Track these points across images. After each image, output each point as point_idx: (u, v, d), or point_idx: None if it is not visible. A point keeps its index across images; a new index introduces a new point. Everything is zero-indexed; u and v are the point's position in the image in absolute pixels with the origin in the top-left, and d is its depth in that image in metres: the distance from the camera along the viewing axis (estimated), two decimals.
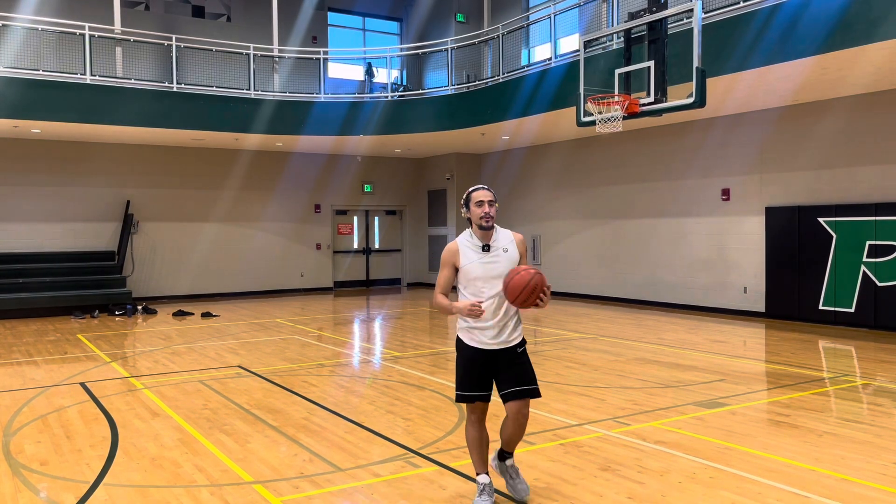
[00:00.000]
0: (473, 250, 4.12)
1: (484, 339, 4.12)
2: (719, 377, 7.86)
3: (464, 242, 4.17)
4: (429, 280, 19.90)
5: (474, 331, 4.15)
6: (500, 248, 4.14)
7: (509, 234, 4.24)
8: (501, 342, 4.12)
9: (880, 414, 6.33)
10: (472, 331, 4.15)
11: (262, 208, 17.70)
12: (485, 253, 4.11)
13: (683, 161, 13.81)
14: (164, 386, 7.73)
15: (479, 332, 4.12)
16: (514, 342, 4.16)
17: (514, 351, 4.16)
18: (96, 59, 13.36)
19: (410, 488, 4.58)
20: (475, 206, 4.13)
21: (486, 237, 4.14)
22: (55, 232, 15.38)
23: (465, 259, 4.11)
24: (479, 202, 4.12)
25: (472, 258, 4.11)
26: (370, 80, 16.88)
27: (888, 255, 10.72)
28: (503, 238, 4.20)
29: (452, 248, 4.18)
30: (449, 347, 10.44)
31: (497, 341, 4.11)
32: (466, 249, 4.13)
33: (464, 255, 4.12)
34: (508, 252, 4.15)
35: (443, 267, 4.18)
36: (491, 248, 4.12)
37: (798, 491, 4.45)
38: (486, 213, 4.09)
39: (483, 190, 4.18)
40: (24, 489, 4.68)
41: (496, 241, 4.15)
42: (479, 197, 4.14)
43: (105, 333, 11.85)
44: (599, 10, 12.52)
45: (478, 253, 4.11)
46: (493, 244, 4.14)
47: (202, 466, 5.06)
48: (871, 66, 9.23)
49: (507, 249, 4.15)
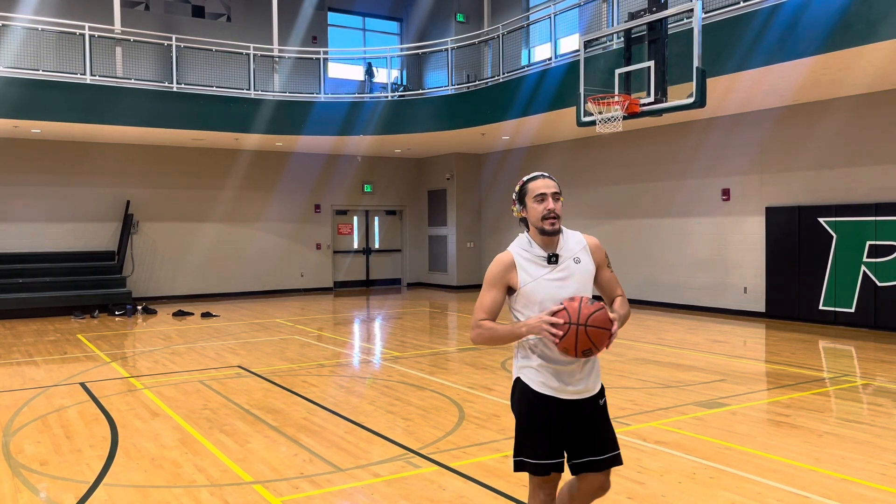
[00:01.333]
0: (536, 264, 2.98)
1: (564, 383, 2.99)
2: (719, 377, 7.86)
3: (520, 253, 3.00)
4: (429, 280, 19.89)
5: (549, 370, 2.99)
6: (571, 259, 3.01)
7: (580, 237, 3.10)
8: (584, 389, 3.02)
9: (880, 414, 6.33)
10: (545, 370, 2.99)
11: (262, 208, 17.70)
12: (552, 266, 2.97)
13: (683, 161, 13.81)
14: (164, 386, 7.73)
15: (559, 374, 2.98)
16: (596, 390, 3.08)
17: (595, 403, 3.06)
18: (96, 59, 13.36)
19: (410, 488, 4.58)
20: (533, 200, 2.98)
21: (550, 244, 3.00)
22: (55, 232, 15.38)
23: (526, 276, 2.96)
24: (540, 196, 2.97)
25: (534, 274, 2.97)
26: (370, 80, 16.88)
27: (888, 255, 10.72)
28: (573, 243, 3.06)
29: (505, 260, 3.00)
30: (449, 347, 10.43)
31: (579, 388, 3.01)
32: (526, 263, 2.98)
33: (523, 271, 2.97)
34: (582, 263, 3.03)
35: (489, 287, 3.01)
36: (559, 258, 3.00)
37: (798, 491, 4.44)
38: (550, 210, 2.94)
39: (543, 178, 3.01)
40: (24, 489, 4.68)
41: (564, 248, 3.02)
42: (538, 188, 2.98)
43: (105, 333, 11.84)
44: (599, 10, 12.52)
45: (542, 267, 2.97)
46: (562, 253, 3.01)
47: (202, 466, 5.06)
48: (871, 66, 9.23)
49: (579, 260, 3.03)
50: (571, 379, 2.98)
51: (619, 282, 3.24)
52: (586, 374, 3.01)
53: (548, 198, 2.96)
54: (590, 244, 3.10)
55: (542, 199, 2.96)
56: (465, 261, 18.85)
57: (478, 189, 19.09)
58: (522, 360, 3.06)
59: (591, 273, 3.06)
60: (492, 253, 18.61)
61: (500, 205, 18.36)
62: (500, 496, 4.40)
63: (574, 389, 2.99)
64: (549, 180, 3.02)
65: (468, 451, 5.32)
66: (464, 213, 18.86)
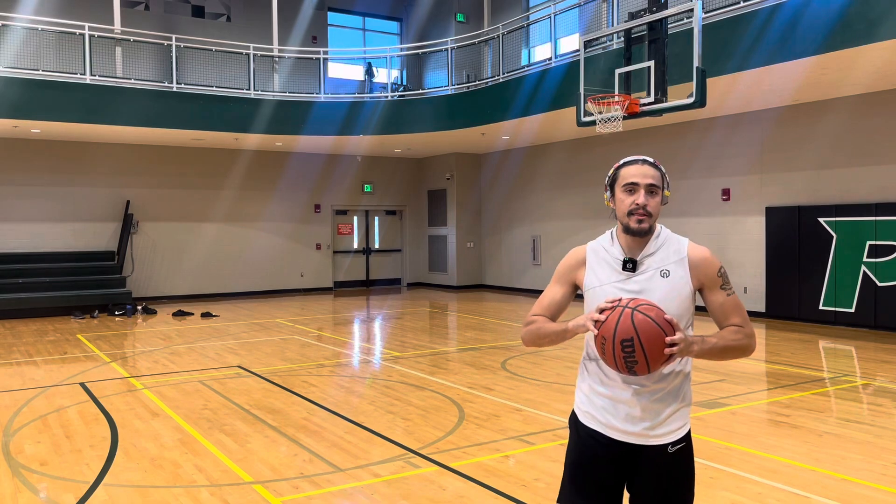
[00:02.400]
0: (609, 266, 2.41)
1: (615, 416, 2.35)
2: (719, 377, 7.86)
3: (597, 250, 2.47)
4: (429, 280, 19.89)
5: (599, 395, 2.40)
6: (657, 270, 2.37)
7: (683, 244, 2.41)
8: (644, 431, 2.32)
9: (880, 414, 6.33)
10: (594, 395, 2.41)
11: (262, 208, 17.70)
12: (626, 274, 2.38)
13: (683, 161, 13.80)
14: (164, 386, 7.73)
15: (610, 402, 2.36)
16: (668, 435, 2.33)
17: (663, 452, 2.33)
18: (96, 59, 13.36)
19: (410, 488, 4.58)
20: (622, 190, 2.38)
21: (636, 246, 2.40)
22: (55, 232, 15.38)
23: (593, 278, 2.42)
24: (630, 185, 2.36)
25: (603, 278, 2.41)
26: (370, 80, 16.88)
27: (888, 255, 10.71)
28: (669, 251, 2.39)
29: (577, 255, 2.50)
30: (449, 347, 10.43)
31: (636, 429, 2.33)
32: (598, 263, 2.44)
33: (592, 271, 2.44)
34: (671, 278, 2.35)
35: (553, 281, 2.53)
36: (638, 265, 2.38)
37: (798, 491, 4.44)
38: (640, 204, 2.33)
39: (640, 164, 2.38)
40: (24, 489, 4.67)
41: (654, 255, 2.38)
42: (630, 175, 2.37)
43: (105, 333, 11.84)
44: (599, 10, 12.52)
45: (616, 271, 2.40)
46: (646, 260, 2.38)
47: (202, 466, 5.06)
48: (871, 66, 9.23)
49: (667, 273, 2.36)
50: (626, 412, 2.31)
51: (741, 308, 2.42)
52: (650, 407, 2.29)
53: (639, 189, 2.33)
54: (692, 256, 2.37)
55: (631, 191, 2.35)
56: (465, 261, 18.85)
57: (478, 189, 19.09)
58: (579, 380, 2.54)
59: (686, 294, 2.36)
60: (492, 253, 18.65)
61: (500, 205, 18.37)
62: (500, 496, 4.39)
63: (629, 429, 2.31)
64: (648, 167, 2.37)
65: (468, 451, 5.31)
66: (464, 213, 18.86)
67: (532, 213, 17.38)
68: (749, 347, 2.39)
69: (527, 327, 2.49)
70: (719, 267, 2.40)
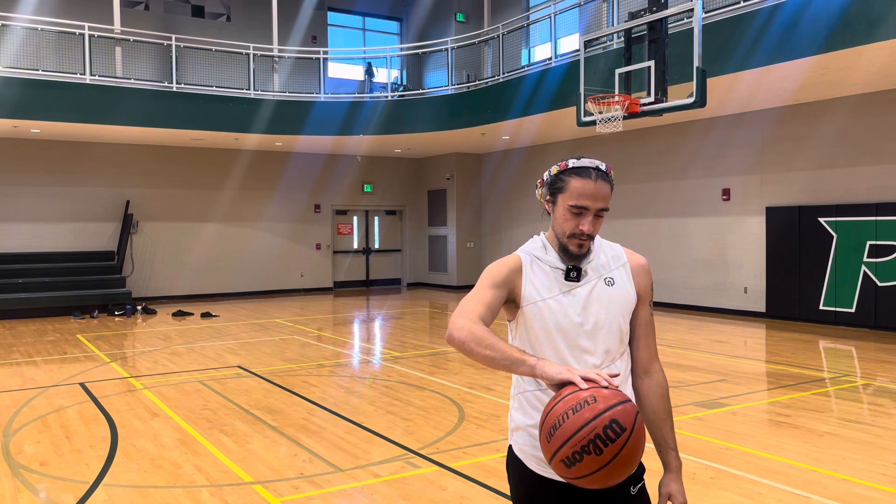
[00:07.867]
0: (549, 277, 2.10)
1: None
2: (720, 377, 7.85)
3: (531, 259, 2.14)
4: (429, 280, 19.90)
5: None
6: (601, 279, 2.12)
7: (619, 250, 2.21)
8: None
9: (881, 414, 6.33)
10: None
11: (262, 208, 17.70)
12: (571, 283, 2.09)
13: (683, 161, 13.80)
14: (164, 386, 7.73)
15: None
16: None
17: (625, 492, 2.08)
18: (96, 59, 13.35)
19: (410, 489, 4.57)
20: (568, 209, 2.07)
21: (575, 254, 2.11)
22: (55, 232, 15.37)
23: (534, 291, 2.09)
24: (578, 208, 2.05)
25: (544, 292, 2.09)
26: (370, 80, 16.87)
27: (888, 255, 10.71)
28: (607, 255, 2.17)
29: (512, 262, 2.13)
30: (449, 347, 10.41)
31: None
32: (536, 274, 2.11)
33: (530, 283, 2.10)
34: (617, 286, 2.13)
35: (486, 286, 2.08)
36: (582, 274, 2.10)
37: (798, 491, 4.44)
38: (587, 233, 2.06)
39: (594, 181, 2.05)
40: (24, 489, 4.67)
41: (593, 261, 2.13)
42: (581, 195, 2.04)
43: (104, 334, 11.84)
44: (599, 9, 12.52)
45: (557, 282, 2.09)
46: (588, 267, 2.12)
47: (202, 467, 5.05)
48: (871, 66, 9.23)
49: (612, 281, 2.13)
50: None
51: (654, 333, 2.22)
52: None
53: (588, 215, 2.04)
54: (634, 263, 2.18)
55: (579, 213, 2.05)
56: (465, 261, 18.84)
57: (478, 189, 19.08)
58: (517, 415, 2.13)
59: (632, 304, 2.14)
60: (492, 253, 18.63)
61: (500, 205, 18.36)
62: (500, 496, 4.39)
63: None
64: (602, 184, 2.05)
65: (468, 451, 5.31)
66: (464, 213, 18.85)
67: (532, 213, 17.36)
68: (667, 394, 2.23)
69: (471, 326, 1.95)
70: (652, 280, 2.23)
